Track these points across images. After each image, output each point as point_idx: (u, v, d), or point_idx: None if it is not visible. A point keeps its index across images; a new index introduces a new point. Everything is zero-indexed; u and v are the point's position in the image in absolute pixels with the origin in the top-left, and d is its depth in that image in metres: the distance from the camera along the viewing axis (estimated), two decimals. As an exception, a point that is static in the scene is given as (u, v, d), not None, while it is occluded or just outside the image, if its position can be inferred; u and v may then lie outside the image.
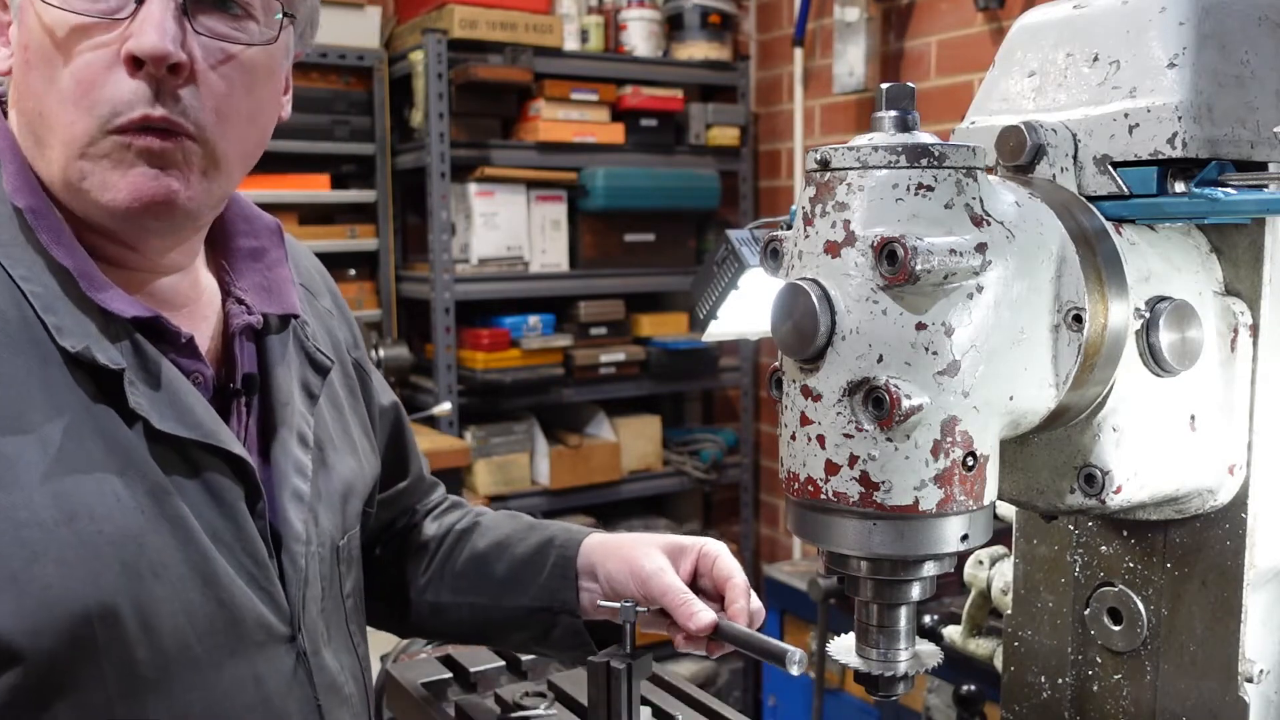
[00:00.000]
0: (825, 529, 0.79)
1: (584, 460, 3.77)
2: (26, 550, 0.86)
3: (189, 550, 0.95)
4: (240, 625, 0.98)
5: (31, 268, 0.92)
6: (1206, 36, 0.84)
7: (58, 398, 0.90)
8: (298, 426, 1.10)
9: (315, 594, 1.08)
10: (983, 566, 1.39)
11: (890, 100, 0.78)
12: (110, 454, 0.91)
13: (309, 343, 1.16)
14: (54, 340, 0.91)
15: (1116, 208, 0.86)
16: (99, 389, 0.92)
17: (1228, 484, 0.90)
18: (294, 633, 1.03)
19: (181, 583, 0.94)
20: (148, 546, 0.92)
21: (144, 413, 0.93)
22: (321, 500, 1.11)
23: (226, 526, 0.98)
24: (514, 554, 1.33)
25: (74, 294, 0.93)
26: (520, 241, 3.67)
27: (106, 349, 0.92)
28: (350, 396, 1.24)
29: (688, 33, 3.99)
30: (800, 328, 0.76)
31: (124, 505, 0.91)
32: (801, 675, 1.15)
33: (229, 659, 0.97)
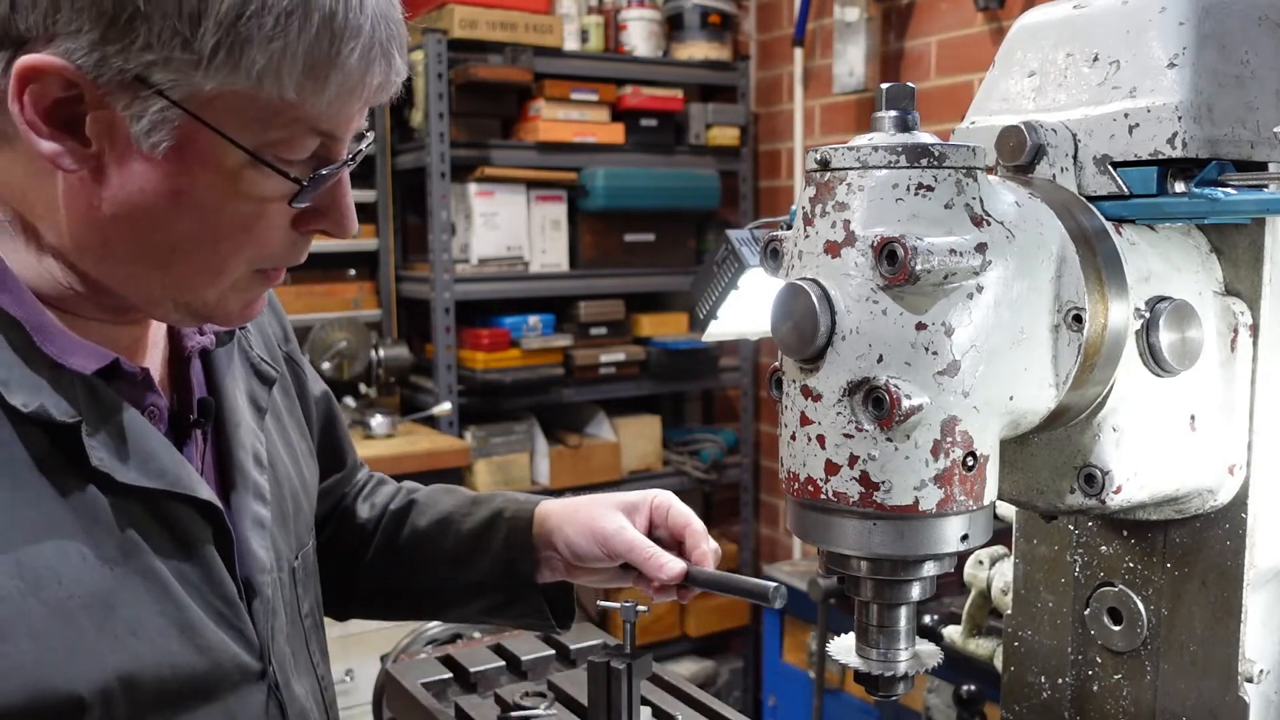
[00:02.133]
0: (825, 529, 0.79)
1: (584, 460, 3.77)
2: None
3: (163, 602, 0.90)
4: (218, 669, 0.94)
5: None
6: (1206, 36, 0.84)
7: (9, 459, 0.83)
8: (252, 447, 1.06)
9: (281, 623, 1.05)
10: (983, 566, 1.39)
11: (890, 100, 0.78)
12: (72, 513, 0.85)
13: (253, 352, 1.12)
14: (1, 398, 0.83)
15: (1116, 208, 0.86)
16: (53, 444, 0.85)
17: (1228, 484, 0.90)
18: (265, 666, 1.00)
19: (160, 636, 0.89)
20: (120, 605, 0.87)
21: (106, 468, 0.87)
22: (278, 522, 1.08)
23: (195, 571, 0.94)
24: (460, 530, 1.32)
25: (20, 344, 0.85)
26: (520, 241, 3.67)
27: (59, 403, 0.85)
28: (286, 398, 1.20)
29: (688, 33, 3.99)
30: (800, 328, 0.76)
31: (90, 565, 0.85)
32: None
33: (204, 704, 0.94)
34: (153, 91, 0.79)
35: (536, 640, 1.59)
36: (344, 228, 0.93)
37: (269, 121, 0.83)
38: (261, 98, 0.81)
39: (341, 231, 0.93)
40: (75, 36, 0.78)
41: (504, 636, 1.63)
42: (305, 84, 0.82)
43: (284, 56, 0.80)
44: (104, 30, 0.78)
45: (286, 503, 1.11)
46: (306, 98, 0.83)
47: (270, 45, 0.79)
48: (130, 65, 0.79)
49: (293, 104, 0.82)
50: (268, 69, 0.80)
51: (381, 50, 0.85)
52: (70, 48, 0.78)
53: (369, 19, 0.83)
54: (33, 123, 0.80)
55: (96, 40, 0.78)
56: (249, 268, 0.91)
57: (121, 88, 0.79)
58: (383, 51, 0.85)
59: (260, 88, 0.81)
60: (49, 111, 0.81)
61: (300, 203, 0.88)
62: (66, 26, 0.78)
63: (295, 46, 0.80)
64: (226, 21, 0.78)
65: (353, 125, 0.90)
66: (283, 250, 0.92)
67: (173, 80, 0.79)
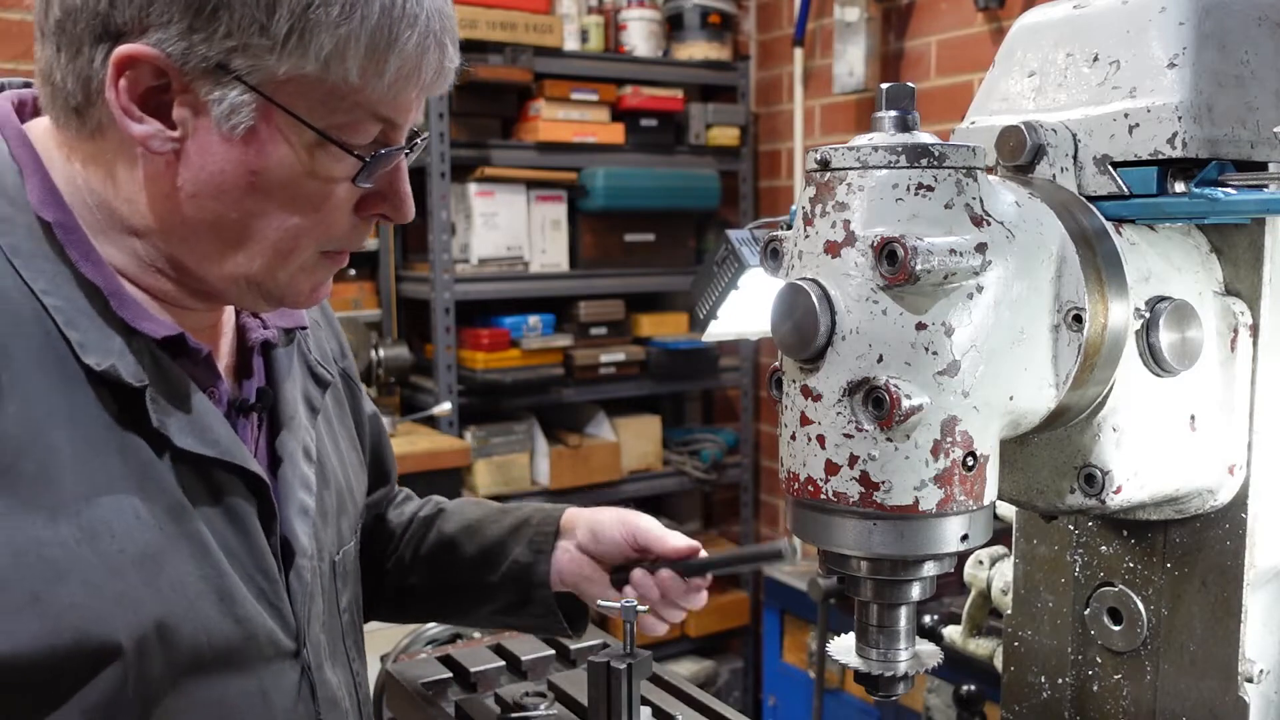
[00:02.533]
0: (825, 529, 0.79)
1: (584, 460, 3.77)
2: (50, 570, 0.85)
3: (205, 567, 0.95)
4: (252, 641, 0.98)
5: (54, 281, 0.90)
6: (1206, 36, 0.84)
7: (79, 415, 0.89)
8: (303, 441, 1.11)
9: (319, 610, 1.09)
10: (983, 566, 1.39)
11: (890, 100, 0.78)
12: (130, 472, 0.91)
13: (311, 355, 1.18)
14: (76, 357, 0.89)
15: (1116, 208, 0.86)
16: (119, 406, 0.91)
17: (1228, 484, 0.90)
18: (299, 648, 1.04)
19: (199, 599, 0.94)
20: (167, 564, 0.92)
21: (166, 431, 0.93)
22: (321, 514, 1.12)
23: (240, 543, 0.99)
24: (485, 534, 1.38)
25: (97, 310, 0.91)
26: (520, 241, 3.67)
27: (130, 366, 0.91)
28: (338, 407, 1.25)
29: (688, 33, 3.99)
30: (800, 328, 0.76)
31: (144, 523, 0.90)
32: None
33: (238, 674, 0.97)
34: (232, 77, 0.88)
35: (536, 640, 1.59)
36: (403, 212, 1.02)
37: (334, 105, 0.91)
38: (328, 81, 0.90)
39: (400, 215, 1.02)
40: (165, 27, 0.86)
41: (504, 636, 1.63)
42: (367, 67, 0.90)
43: (348, 41, 0.88)
44: (191, 20, 0.86)
45: (331, 499, 1.15)
46: (368, 81, 0.91)
47: (336, 30, 0.88)
48: (213, 52, 0.87)
49: (356, 87, 0.91)
50: (334, 53, 0.88)
51: (436, 39, 0.93)
52: (161, 37, 0.87)
53: (424, 10, 0.92)
54: (127, 108, 0.88)
55: (184, 30, 0.86)
56: (316, 249, 0.98)
57: (205, 74, 0.88)
58: (437, 40, 0.93)
59: (327, 71, 0.89)
60: (141, 98, 0.89)
61: (364, 181, 0.96)
62: (159, 18, 0.86)
63: (359, 31, 0.88)
64: (298, 9, 0.87)
65: (410, 114, 0.97)
66: (346, 233, 0.99)
67: (250, 65, 0.88)
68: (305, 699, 1.05)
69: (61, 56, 0.91)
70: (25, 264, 0.90)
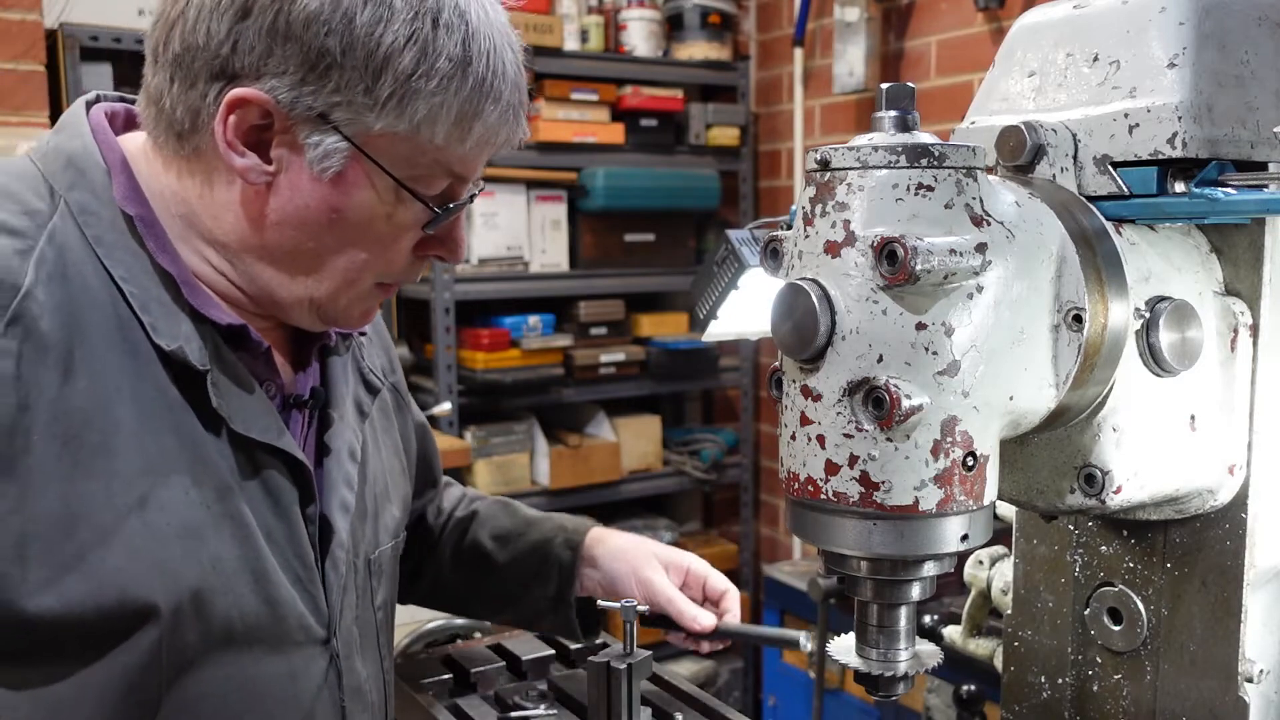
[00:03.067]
0: (825, 529, 0.79)
1: (584, 460, 3.77)
2: (98, 534, 0.91)
3: (245, 548, 1.00)
4: (283, 623, 1.03)
5: (131, 269, 0.97)
6: (1206, 36, 0.84)
7: (143, 392, 0.95)
8: (349, 440, 1.16)
9: (351, 601, 1.14)
10: (983, 566, 1.39)
11: (890, 100, 0.78)
12: (184, 450, 0.97)
13: (364, 363, 1.24)
14: (148, 337, 0.96)
15: (1116, 208, 0.86)
16: (181, 387, 0.98)
17: (1228, 484, 0.90)
18: (329, 636, 1.08)
19: (235, 578, 0.99)
20: (209, 541, 0.97)
21: (224, 414, 0.99)
22: (359, 514, 1.16)
23: (280, 527, 1.04)
24: (517, 546, 1.47)
25: (168, 297, 0.99)
26: (520, 241, 3.67)
27: (196, 350, 0.98)
28: (384, 419, 1.30)
29: (688, 33, 3.98)
30: (800, 328, 0.76)
31: (191, 500, 0.97)
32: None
33: (268, 654, 1.03)
34: (331, 127, 0.96)
35: (536, 640, 1.59)
36: (457, 255, 1.10)
37: (416, 161, 1.00)
38: (416, 140, 0.98)
39: (454, 258, 1.10)
40: (280, 76, 0.95)
41: (504, 636, 1.63)
42: (453, 133, 0.99)
43: (441, 109, 0.97)
44: (304, 74, 0.94)
45: (369, 500, 1.20)
46: (451, 144, 1.00)
47: (432, 99, 0.96)
48: (318, 104, 0.95)
49: (438, 148, 1.00)
50: (426, 118, 0.97)
51: (514, 112, 1.03)
52: (274, 85, 0.95)
53: (509, 85, 1.01)
54: (231, 143, 0.96)
55: (296, 81, 0.95)
56: (374, 281, 1.07)
57: (307, 121, 0.96)
58: (515, 113, 1.03)
59: (417, 132, 0.98)
60: (244, 135, 0.97)
61: (432, 229, 1.05)
62: (276, 68, 0.94)
63: (451, 102, 0.97)
64: (402, 77, 0.95)
65: (477, 171, 1.07)
66: (404, 270, 1.08)
67: (349, 119, 0.96)
68: (331, 686, 1.09)
69: (174, 86, 0.98)
70: (107, 253, 0.97)
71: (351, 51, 0.94)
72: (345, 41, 0.94)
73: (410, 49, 0.95)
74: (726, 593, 1.43)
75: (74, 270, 0.95)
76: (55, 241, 0.95)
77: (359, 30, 0.94)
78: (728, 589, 1.43)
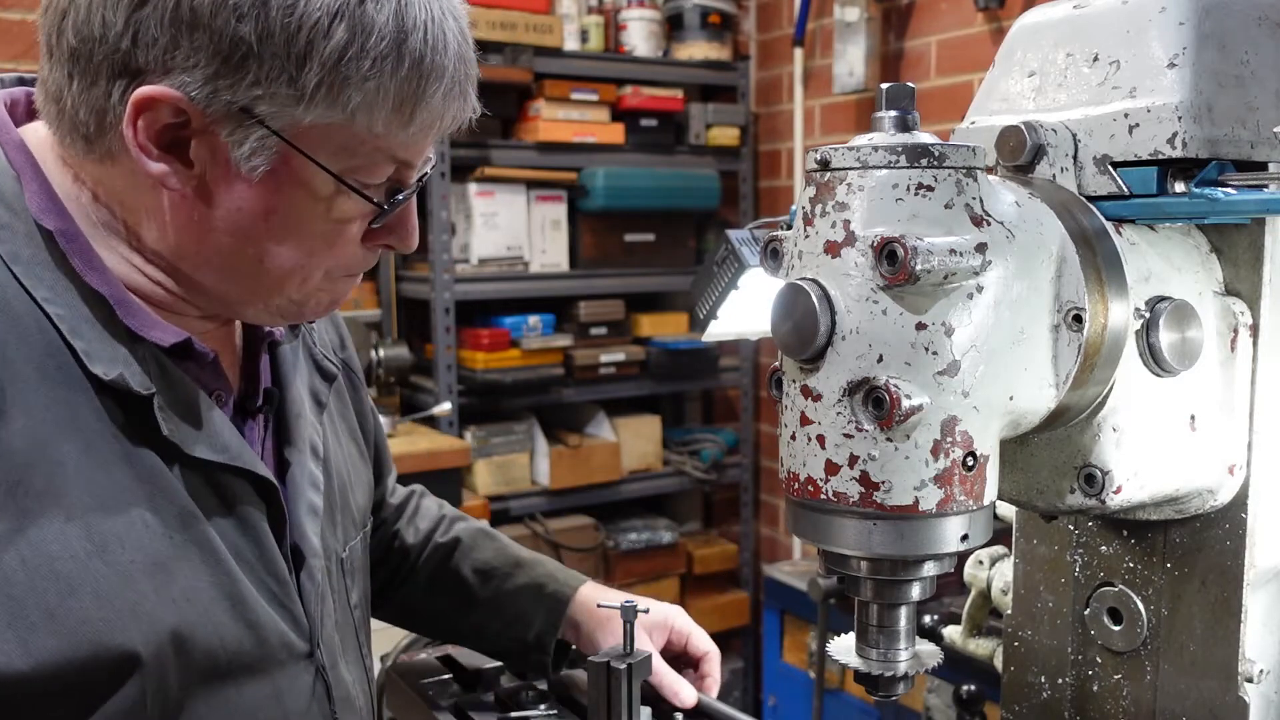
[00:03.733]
0: (825, 529, 0.79)
1: (584, 460, 3.77)
2: (62, 584, 0.84)
3: (217, 574, 0.94)
4: (265, 645, 0.98)
5: (54, 289, 0.88)
6: (1206, 36, 0.84)
7: (85, 425, 0.88)
8: (310, 439, 1.10)
9: (330, 609, 1.09)
10: (983, 566, 1.39)
11: (890, 100, 0.78)
12: (138, 480, 0.90)
13: (316, 349, 1.17)
14: (81, 366, 0.88)
15: (1116, 208, 0.86)
16: (126, 415, 0.90)
17: (1228, 484, 0.90)
18: (313, 649, 1.04)
19: (211, 606, 0.93)
20: (178, 573, 0.91)
21: (175, 439, 0.92)
22: (328, 513, 1.12)
23: (249, 547, 0.98)
24: (500, 586, 1.42)
25: (100, 318, 0.90)
26: (520, 241, 3.67)
27: (137, 375, 0.90)
28: (339, 402, 1.24)
29: (688, 33, 3.99)
30: (800, 328, 0.76)
31: (153, 532, 0.90)
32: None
33: (252, 679, 0.97)
34: (255, 121, 0.87)
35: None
36: (408, 243, 1.02)
37: (355, 150, 0.91)
38: (353, 130, 0.89)
39: (405, 246, 1.02)
40: (190, 71, 0.85)
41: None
42: (393, 119, 0.90)
43: (377, 95, 0.88)
44: (218, 67, 0.85)
45: (335, 496, 1.15)
46: (392, 130, 0.91)
47: (365, 85, 0.87)
48: (238, 98, 0.86)
49: (378, 135, 0.91)
50: (361, 105, 0.88)
51: (460, 89, 0.94)
52: (185, 80, 0.85)
53: (451, 60, 0.92)
54: (144, 146, 0.87)
55: (210, 75, 0.85)
56: (325, 274, 0.99)
57: (227, 118, 0.87)
58: (460, 90, 0.95)
59: (353, 121, 0.89)
60: (158, 136, 0.87)
61: (378, 223, 0.97)
62: (184, 62, 0.85)
63: (388, 86, 0.88)
64: (329, 63, 0.85)
65: (425, 153, 0.99)
66: (355, 261, 1.00)
67: (274, 112, 0.87)
68: (320, 699, 1.05)
69: (74, 84, 0.88)
70: (25, 271, 0.88)
71: (269, 38, 0.84)
72: (261, 27, 0.83)
73: (336, 29, 0.84)
74: (709, 654, 1.39)
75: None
76: None
77: (274, 12, 0.83)
78: (710, 650, 1.39)
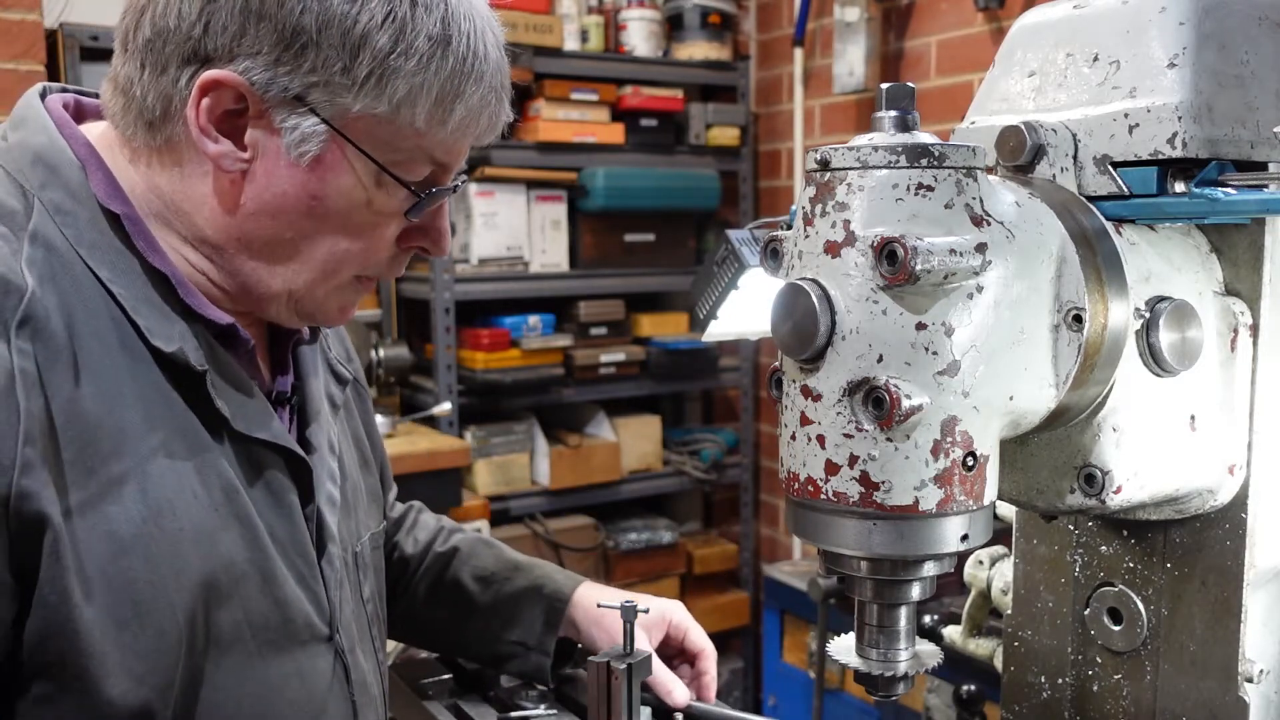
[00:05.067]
0: (825, 529, 0.79)
1: (584, 460, 3.77)
2: (115, 545, 0.89)
3: (253, 549, 0.99)
4: (290, 624, 1.02)
5: (117, 268, 0.94)
6: (1206, 36, 0.84)
7: (144, 395, 0.93)
8: (327, 434, 1.15)
9: (347, 596, 1.13)
10: (983, 566, 1.39)
11: (890, 100, 0.78)
12: (190, 452, 0.95)
13: (331, 354, 1.22)
14: (144, 340, 0.94)
15: (1116, 208, 0.86)
16: (180, 388, 0.96)
17: (1228, 484, 0.90)
18: (333, 633, 1.07)
19: (244, 580, 0.98)
20: (220, 544, 0.96)
21: (226, 414, 0.97)
22: (344, 507, 1.16)
23: (282, 526, 1.03)
24: (500, 590, 1.43)
25: (160, 296, 0.96)
26: (520, 241, 3.67)
27: (194, 350, 0.96)
28: (347, 410, 1.28)
29: (688, 33, 3.98)
30: (800, 328, 0.76)
31: (200, 503, 0.95)
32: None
33: (276, 655, 1.01)
34: (308, 109, 0.93)
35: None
36: (441, 246, 1.07)
37: (396, 145, 0.97)
38: (396, 123, 0.95)
39: (438, 250, 1.07)
40: (254, 57, 0.92)
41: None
42: (434, 114, 0.96)
43: (421, 89, 0.94)
44: (280, 53, 0.91)
45: (349, 494, 1.18)
46: (432, 127, 0.97)
47: (412, 79, 0.94)
48: (294, 85, 0.92)
49: (419, 132, 0.97)
50: (406, 98, 0.94)
51: (496, 95, 1.00)
52: (248, 66, 0.92)
53: (490, 67, 0.98)
54: (205, 128, 0.93)
55: (271, 61, 0.92)
56: (354, 273, 1.03)
57: (282, 104, 0.93)
58: (497, 97, 1.00)
59: (397, 114, 0.95)
60: (218, 120, 0.94)
61: (414, 215, 1.01)
62: (249, 48, 0.91)
63: (432, 82, 0.95)
64: (381, 55, 0.92)
65: (461, 158, 1.03)
66: (386, 262, 1.05)
67: (326, 101, 0.93)
68: (340, 681, 1.08)
69: (145, 73, 0.95)
70: (89, 253, 0.94)
71: (328, 29, 0.91)
72: (321, 19, 0.91)
73: (388, 26, 0.92)
74: (704, 652, 1.39)
75: (61, 272, 0.92)
76: (39, 243, 0.91)
77: (335, 7, 0.91)
78: (705, 648, 1.39)
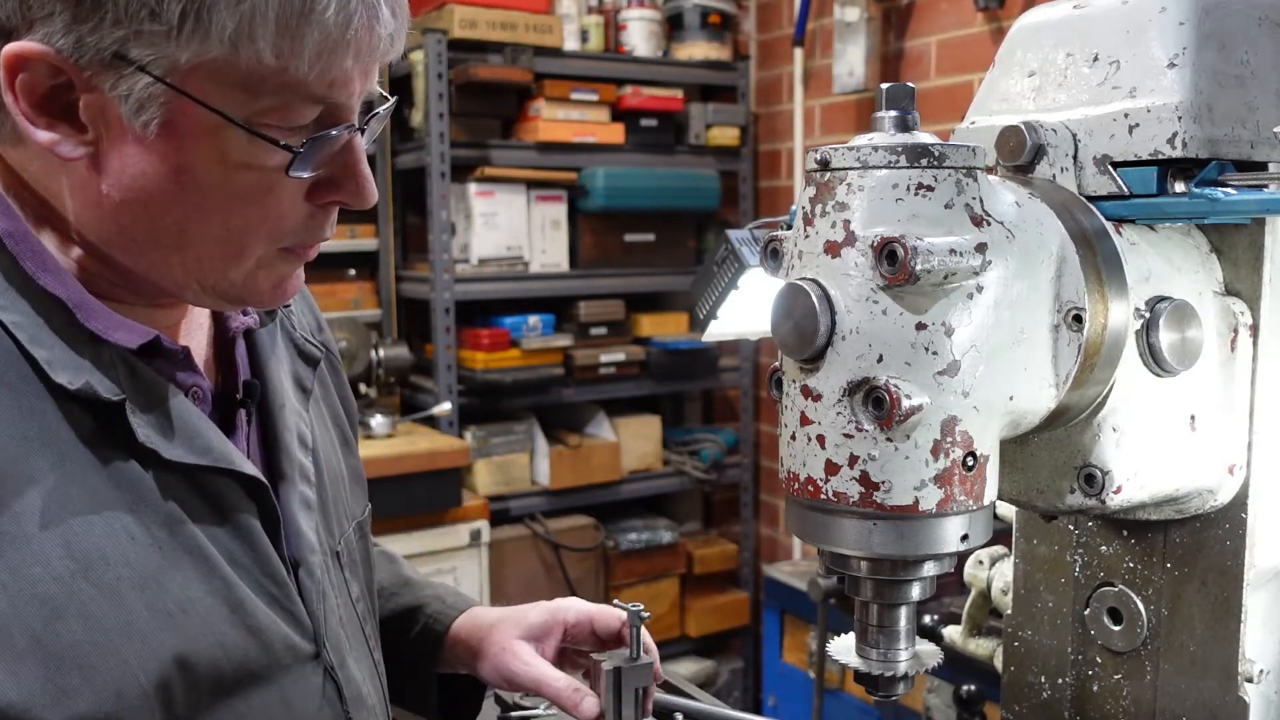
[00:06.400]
0: (825, 529, 0.79)
1: (584, 460, 3.77)
2: (46, 608, 0.79)
3: (211, 581, 0.89)
4: (269, 650, 0.93)
5: (6, 295, 0.83)
6: (1206, 36, 0.84)
7: (54, 437, 0.82)
8: (296, 429, 1.05)
9: (332, 605, 1.04)
10: (983, 566, 1.39)
11: (890, 100, 0.78)
12: (117, 490, 0.85)
13: (296, 332, 1.11)
14: (45, 376, 0.82)
15: (1116, 208, 0.86)
16: (97, 422, 0.85)
17: (1228, 484, 0.90)
18: (319, 649, 0.99)
19: (210, 615, 0.88)
20: (170, 584, 0.86)
21: (152, 444, 0.86)
22: (321, 506, 1.07)
23: (243, 550, 0.93)
24: (384, 606, 1.32)
25: (60, 323, 0.84)
26: (520, 241, 3.67)
27: (103, 381, 0.85)
28: (322, 388, 1.18)
29: (688, 33, 3.98)
30: (800, 328, 0.76)
31: (139, 543, 0.85)
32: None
33: (258, 687, 0.92)
34: (134, 68, 0.79)
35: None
36: (361, 197, 0.92)
37: (255, 89, 0.82)
38: (240, 64, 0.80)
39: (359, 201, 0.92)
40: (49, 20, 0.78)
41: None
42: (281, 44, 0.80)
43: (253, 17, 0.79)
44: (74, 9, 0.78)
45: (327, 487, 1.09)
46: (287, 60, 0.81)
47: (238, 7, 0.78)
48: (105, 43, 0.79)
49: (274, 68, 0.81)
50: (239, 32, 0.79)
51: (363, 3, 0.82)
52: (47, 31, 0.79)
53: None
54: (27, 113, 0.81)
55: (69, 21, 0.78)
56: (270, 245, 0.90)
57: (103, 68, 0.79)
58: (364, 4, 0.82)
59: (236, 53, 0.80)
60: (43, 101, 0.81)
61: (298, 171, 0.86)
62: (40, 11, 0.78)
63: (264, 6, 0.79)
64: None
65: (353, 89, 0.87)
66: (301, 225, 0.90)
67: (149, 54, 0.79)
68: (331, 700, 1.00)
69: None
70: None
71: None
72: None
73: None
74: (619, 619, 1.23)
75: None
76: None
77: None
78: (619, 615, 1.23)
